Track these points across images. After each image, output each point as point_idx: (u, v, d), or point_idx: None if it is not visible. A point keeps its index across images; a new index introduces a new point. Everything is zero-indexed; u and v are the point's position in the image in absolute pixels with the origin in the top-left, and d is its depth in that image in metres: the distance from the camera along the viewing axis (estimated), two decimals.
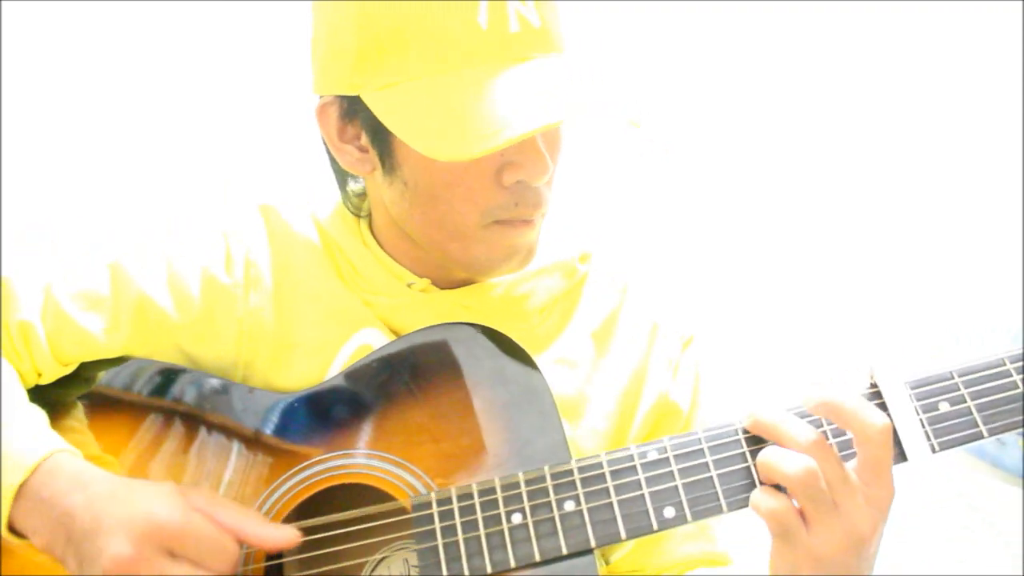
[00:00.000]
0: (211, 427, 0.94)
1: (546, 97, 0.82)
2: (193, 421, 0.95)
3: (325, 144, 0.98)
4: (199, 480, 0.91)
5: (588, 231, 1.09)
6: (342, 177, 1.04)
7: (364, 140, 0.93)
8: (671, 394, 1.03)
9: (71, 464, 0.82)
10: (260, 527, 0.81)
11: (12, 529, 0.81)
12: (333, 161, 1.01)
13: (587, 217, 1.01)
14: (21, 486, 0.80)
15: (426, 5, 0.82)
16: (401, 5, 0.82)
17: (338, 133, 0.94)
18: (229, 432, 0.94)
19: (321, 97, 0.93)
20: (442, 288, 1.01)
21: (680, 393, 1.04)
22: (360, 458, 0.88)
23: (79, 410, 0.98)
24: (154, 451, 0.93)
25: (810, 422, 0.79)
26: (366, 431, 0.90)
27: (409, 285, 1.00)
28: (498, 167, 0.88)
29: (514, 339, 0.92)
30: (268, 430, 0.93)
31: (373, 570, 0.93)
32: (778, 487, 0.77)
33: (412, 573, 0.93)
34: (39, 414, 0.88)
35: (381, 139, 0.90)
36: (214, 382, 0.97)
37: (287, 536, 0.81)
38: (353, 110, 0.90)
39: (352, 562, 0.90)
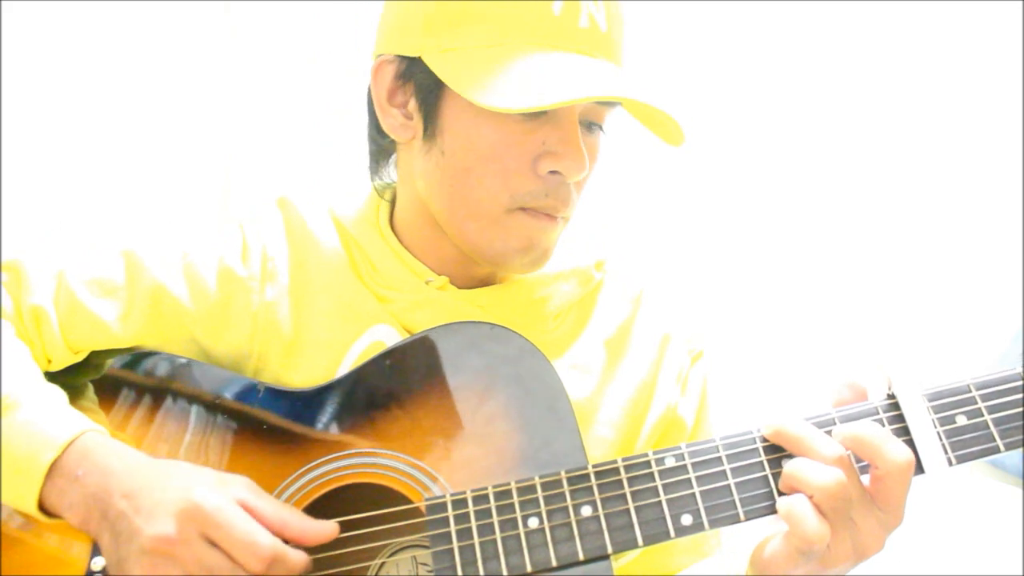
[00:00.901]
0: (223, 422, 0.93)
1: (606, 79, 0.85)
2: (205, 415, 0.94)
3: (370, 114, 1.00)
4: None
5: (604, 238, 1.10)
6: (376, 153, 1.05)
7: (411, 106, 0.94)
8: (679, 408, 1.04)
9: (104, 443, 0.82)
10: (301, 521, 0.81)
11: (42, 508, 0.81)
12: (371, 136, 1.03)
13: (603, 224, 1.01)
14: (53, 464, 0.80)
15: None
16: None
17: (388, 95, 0.96)
18: (241, 427, 0.93)
19: (380, 56, 0.95)
20: (459, 287, 1.01)
21: (686, 408, 1.05)
22: (373, 457, 0.88)
23: (89, 395, 0.97)
24: (164, 443, 0.93)
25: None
26: (380, 429, 0.89)
27: (427, 282, 0.99)
28: (537, 154, 0.90)
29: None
30: (280, 426, 0.92)
31: (380, 568, 0.93)
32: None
33: (421, 572, 0.93)
34: (59, 393, 0.88)
35: (430, 103, 0.92)
36: (226, 376, 0.96)
37: (327, 530, 0.82)
38: (409, 72, 0.93)
39: (360, 561, 0.90)
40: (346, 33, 2.43)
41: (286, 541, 0.82)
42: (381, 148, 1.04)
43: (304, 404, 0.93)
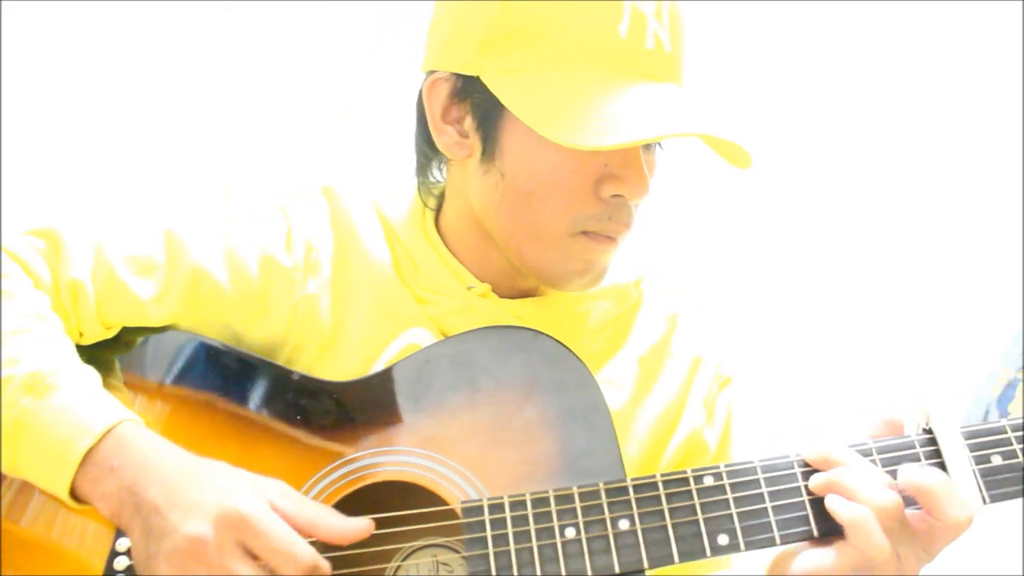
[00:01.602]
0: (255, 409, 0.93)
1: (670, 112, 0.83)
2: (236, 401, 0.93)
3: (420, 124, 0.97)
4: (238, 464, 0.86)
5: (642, 255, 1.09)
6: (425, 163, 1.02)
7: (468, 124, 0.92)
8: (704, 432, 1.04)
9: (141, 434, 0.81)
10: (335, 521, 0.80)
11: (73, 495, 0.80)
12: (420, 145, 1.00)
13: (642, 240, 1.02)
14: (88, 452, 0.78)
15: (573, 4, 0.83)
16: None
17: (443, 112, 0.93)
18: (274, 416, 0.92)
19: (432, 73, 0.93)
20: (501, 296, 1.00)
21: (711, 433, 1.05)
22: (407, 455, 0.88)
23: (117, 372, 0.96)
24: (193, 427, 0.92)
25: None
26: (416, 428, 0.89)
27: (469, 288, 0.98)
28: (599, 177, 0.88)
29: None
30: (314, 418, 0.91)
31: (399, 568, 0.92)
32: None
33: (442, 572, 0.93)
34: (95, 376, 0.86)
35: (489, 124, 0.90)
36: (261, 363, 0.95)
37: (362, 527, 0.81)
38: (466, 91, 0.90)
39: (380, 560, 0.90)
40: (346, 33, 2.42)
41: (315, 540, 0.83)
42: (430, 160, 1.01)
43: (340, 397, 0.92)
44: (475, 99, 0.90)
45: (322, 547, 0.88)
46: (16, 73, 1.90)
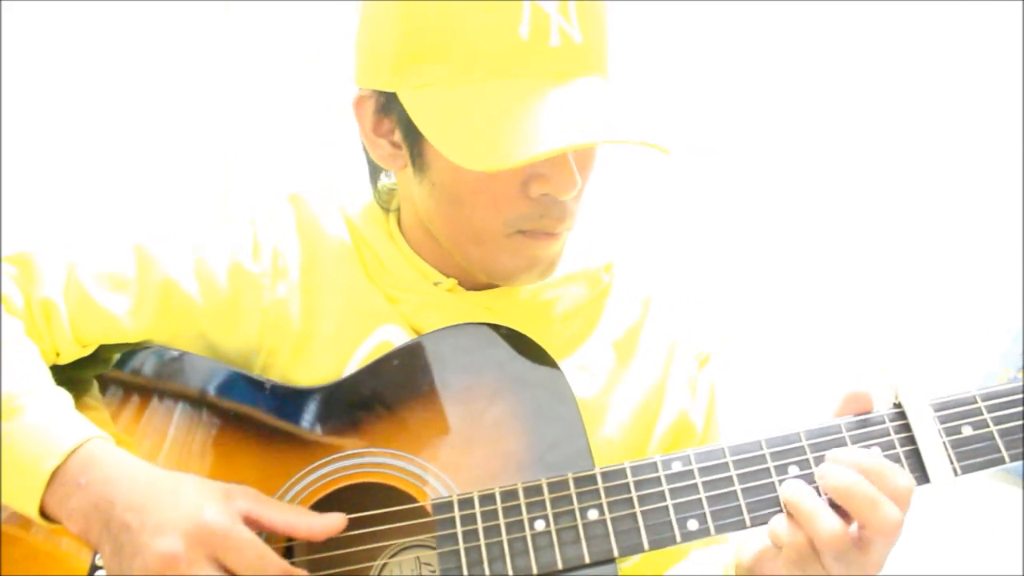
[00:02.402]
0: (229, 419, 0.93)
1: (578, 117, 0.81)
2: (211, 411, 0.94)
3: (360, 136, 0.97)
4: (214, 472, 0.90)
5: (613, 240, 1.09)
6: (374, 170, 1.04)
7: (397, 136, 0.92)
8: (691, 413, 1.04)
9: (108, 451, 0.82)
10: (307, 520, 0.81)
11: (43, 513, 0.81)
12: (367, 153, 1.00)
13: (612, 225, 1.01)
14: (56, 471, 0.79)
15: (469, 10, 0.81)
16: (444, 7, 0.82)
17: (373, 126, 0.93)
18: (246, 425, 0.93)
19: (360, 89, 0.93)
20: (468, 289, 1.01)
21: (696, 413, 1.05)
22: (379, 456, 0.88)
23: (95, 390, 0.97)
24: (169, 439, 0.93)
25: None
26: (386, 429, 0.89)
27: (435, 284, 0.99)
28: (525, 178, 0.87)
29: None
30: (287, 424, 0.92)
31: (383, 568, 0.93)
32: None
33: (424, 572, 0.93)
34: (66, 397, 0.87)
35: (413, 138, 0.89)
36: (233, 373, 0.96)
37: (335, 523, 0.82)
38: (389, 106, 0.90)
39: (363, 561, 0.90)
40: (346, 33, 2.42)
41: (292, 542, 0.83)
42: (379, 170, 1.03)
43: (311, 402, 0.93)
44: (398, 112, 0.89)
45: (304, 550, 0.90)
46: (16, 73, 1.90)
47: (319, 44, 2.45)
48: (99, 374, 0.98)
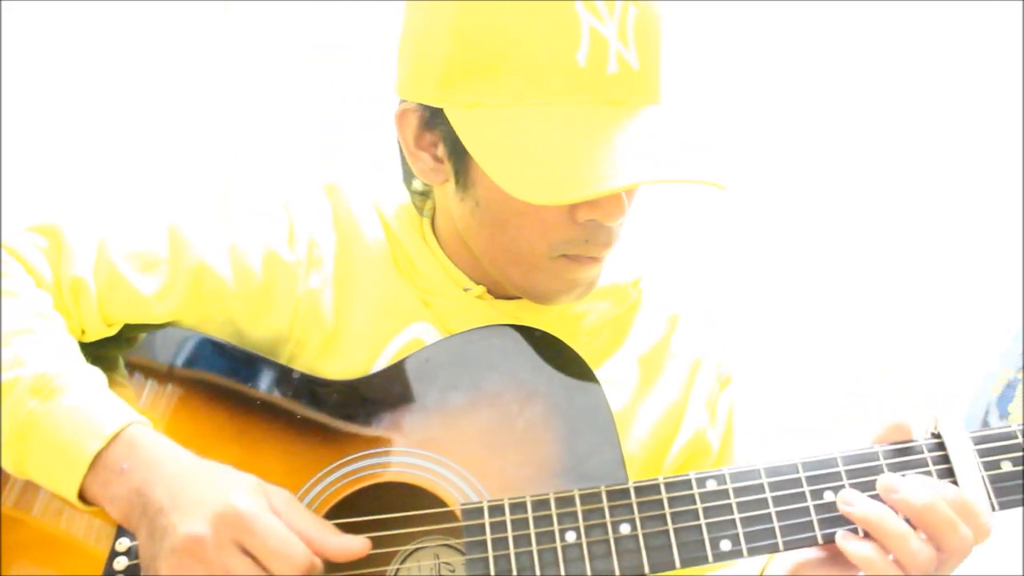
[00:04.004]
0: (256, 408, 0.92)
1: (637, 154, 0.79)
2: (238, 399, 0.93)
3: (399, 146, 0.95)
4: (240, 462, 0.86)
5: (642, 255, 1.08)
6: (409, 176, 1.02)
7: (441, 151, 0.90)
8: (707, 433, 1.03)
9: (150, 437, 0.81)
10: (332, 537, 0.79)
11: (82, 496, 0.80)
12: (404, 168, 0.99)
13: (642, 240, 1.01)
14: (98, 455, 0.78)
15: (527, 31, 0.79)
16: (501, 27, 0.79)
17: (415, 140, 0.91)
18: (274, 415, 0.92)
19: (403, 101, 0.91)
20: (497, 298, 1.00)
21: (714, 433, 1.04)
22: (408, 456, 0.87)
23: (121, 369, 0.96)
24: (195, 426, 0.92)
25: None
26: (416, 428, 0.88)
27: (465, 290, 0.98)
28: (573, 203, 0.86)
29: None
30: (316, 417, 0.91)
31: (401, 567, 0.92)
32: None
33: (443, 572, 0.92)
34: (101, 377, 0.86)
35: (458, 155, 0.88)
36: (262, 361, 0.95)
37: (358, 547, 0.80)
38: (434, 121, 0.88)
39: (382, 559, 0.89)
40: (346, 33, 2.42)
41: None
42: (413, 176, 1.00)
43: (340, 396, 0.92)
44: (443, 129, 0.87)
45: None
46: (16, 73, 1.89)
47: (319, 44, 2.44)
48: (124, 353, 0.97)
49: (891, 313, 2.06)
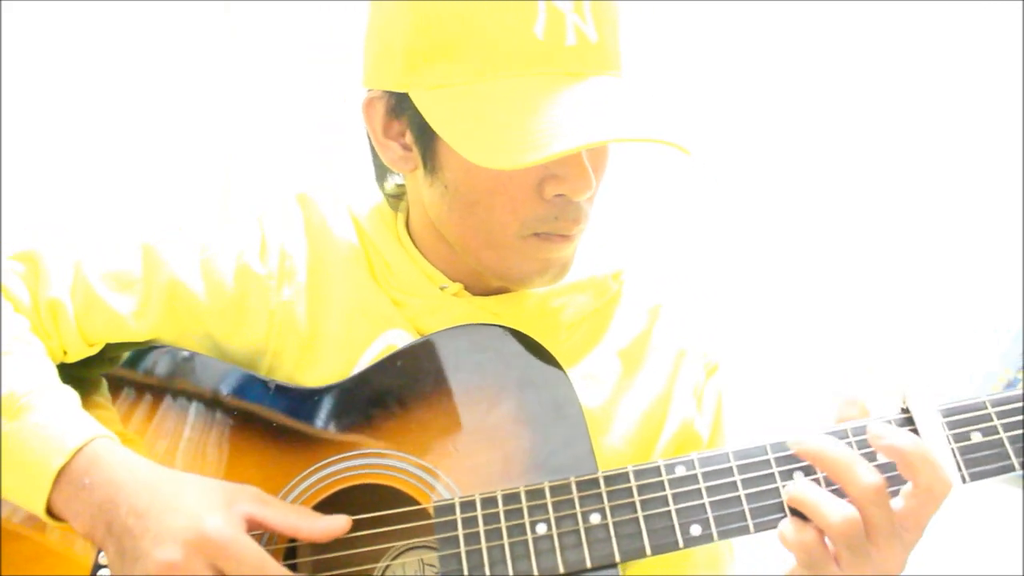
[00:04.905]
0: (233, 418, 0.93)
1: (596, 115, 0.80)
2: (215, 411, 0.94)
3: (368, 138, 0.97)
4: (218, 471, 0.90)
5: (622, 248, 1.08)
6: (382, 172, 1.03)
7: (408, 138, 0.91)
8: (695, 423, 1.02)
9: (113, 451, 0.82)
10: (311, 521, 0.81)
11: (50, 512, 0.81)
12: (374, 155, 1.00)
13: (622, 233, 1.00)
14: (62, 470, 0.79)
15: (484, 9, 0.81)
16: (458, 7, 0.81)
17: (383, 128, 0.92)
18: (250, 425, 0.93)
19: (369, 91, 0.92)
20: (475, 294, 1.00)
21: (702, 423, 1.04)
22: (382, 458, 0.88)
23: (102, 388, 0.97)
24: (175, 438, 0.93)
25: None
26: (389, 430, 0.89)
27: (442, 288, 0.99)
28: (540, 179, 0.87)
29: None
30: (290, 424, 0.92)
31: (387, 569, 0.93)
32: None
33: (428, 573, 0.93)
34: (73, 395, 0.87)
35: (426, 139, 0.89)
36: (237, 373, 0.96)
37: (338, 525, 0.82)
38: (400, 107, 0.89)
39: (366, 562, 0.90)
40: (346, 33, 2.42)
41: (295, 542, 0.83)
42: (386, 170, 1.02)
43: (314, 403, 0.92)
44: (410, 114, 0.89)
45: (308, 551, 0.90)
46: (16, 73, 1.90)
47: (319, 44, 2.45)
48: (105, 373, 0.98)
49: (892, 313, 2.05)
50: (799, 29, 2.17)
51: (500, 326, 0.92)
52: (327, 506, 0.86)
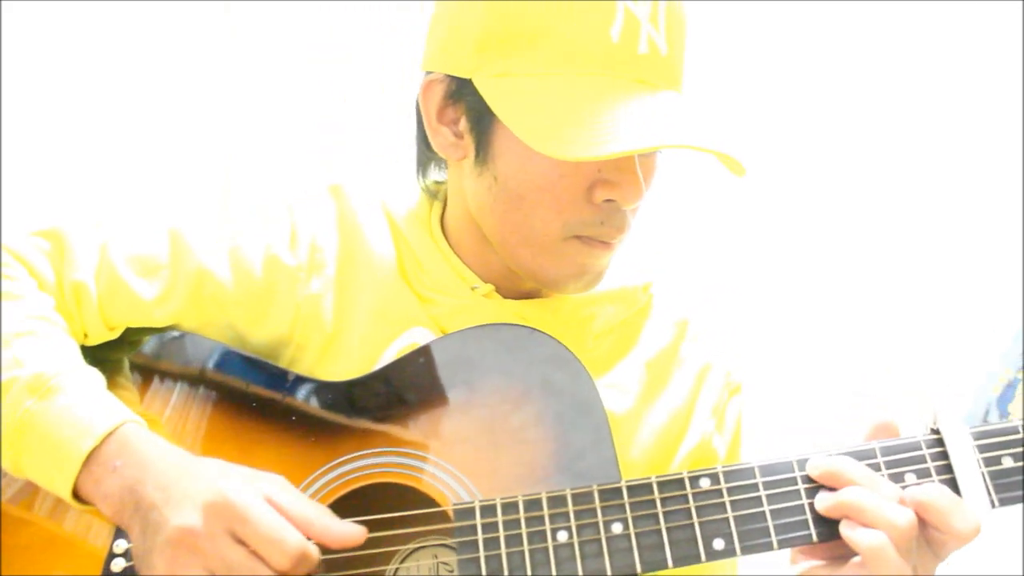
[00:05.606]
0: (253, 409, 0.93)
1: (663, 123, 0.81)
2: (236, 401, 0.93)
3: (419, 123, 0.96)
4: (235, 462, 0.87)
5: (652, 260, 1.08)
6: (424, 163, 1.02)
7: (463, 125, 0.91)
8: (713, 440, 1.02)
9: (143, 436, 0.81)
10: (328, 522, 0.79)
11: (75, 495, 0.80)
12: (419, 144, 1.00)
13: (654, 245, 1.00)
14: (91, 453, 0.79)
15: (565, 6, 0.81)
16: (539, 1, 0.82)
17: (438, 113, 0.92)
18: (270, 416, 0.92)
19: (428, 74, 0.92)
20: (505, 297, 0.99)
21: (720, 441, 1.03)
22: (401, 456, 0.87)
23: (124, 371, 0.97)
24: (195, 426, 0.92)
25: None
26: (409, 428, 0.88)
27: (473, 288, 0.98)
28: (592, 182, 0.87)
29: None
30: (310, 418, 0.91)
31: (400, 567, 0.91)
32: None
33: (442, 572, 0.92)
34: (99, 377, 0.86)
35: (482, 127, 0.89)
36: (259, 363, 0.95)
37: (354, 533, 0.79)
38: (460, 93, 0.89)
39: (380, 559, 0.89)
40: (347, 33, 2.42)
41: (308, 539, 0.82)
42: (429, 158, 1.01)
43: (335, 397, 0.92)
44: (469, 101, 0.89)
45: (322, 548, 0.88)
46: (16, 73, 1.89)
47: (319, 44, 2.44)
48: (128, 356, 0.97)
49: (894, 314, 2.05)
50: (800, 35, 2.17)
51: (527, 327, 0.91)
52: (344, 503, 0.85)
